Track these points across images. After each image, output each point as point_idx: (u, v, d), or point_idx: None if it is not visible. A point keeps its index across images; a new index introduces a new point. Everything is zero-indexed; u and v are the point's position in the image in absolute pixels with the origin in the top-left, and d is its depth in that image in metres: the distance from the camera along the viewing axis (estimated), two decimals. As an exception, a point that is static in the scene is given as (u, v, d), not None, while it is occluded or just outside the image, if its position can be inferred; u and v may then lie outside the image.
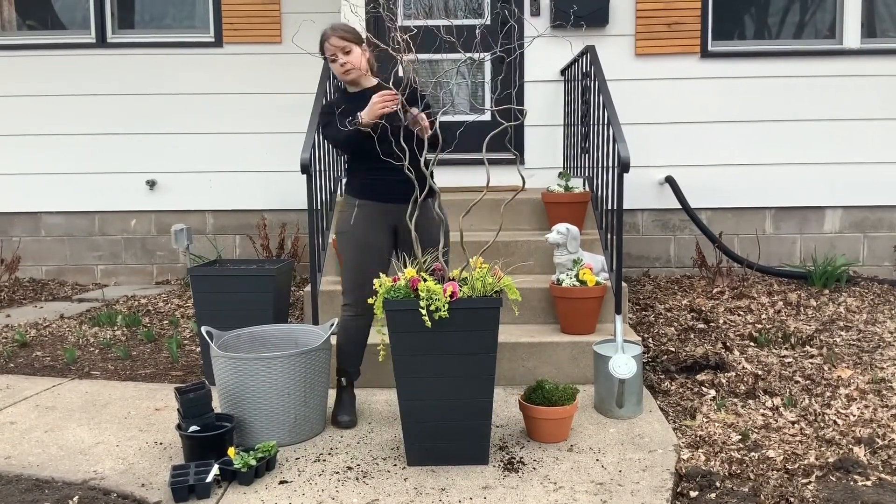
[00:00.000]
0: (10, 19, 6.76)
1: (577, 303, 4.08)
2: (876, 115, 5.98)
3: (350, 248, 3.51)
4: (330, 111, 3.51)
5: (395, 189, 3.46)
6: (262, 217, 6.45)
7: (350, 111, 3.41)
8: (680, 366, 4.18)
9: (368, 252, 3.49)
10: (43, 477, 3.04)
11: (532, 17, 5.90)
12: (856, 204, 6.09)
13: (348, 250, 3.52)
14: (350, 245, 3.51)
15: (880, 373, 3.99)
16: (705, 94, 5.98)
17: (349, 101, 3.52)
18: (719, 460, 3.10)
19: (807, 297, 5.36)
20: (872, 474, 2.95)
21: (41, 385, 4.16)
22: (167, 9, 6.69)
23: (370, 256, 3.49)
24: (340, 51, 3.47)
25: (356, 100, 3.49)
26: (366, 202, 3.50)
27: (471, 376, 3.04)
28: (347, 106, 3.46)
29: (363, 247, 3.49)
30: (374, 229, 3.50)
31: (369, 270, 3.45)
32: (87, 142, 6.57)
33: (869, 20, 6.09)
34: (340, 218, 3.58)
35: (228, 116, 6.48)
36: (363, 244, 3.49)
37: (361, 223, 3.49)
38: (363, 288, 3.46)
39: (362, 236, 3.49)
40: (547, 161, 5.96)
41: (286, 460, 3.15)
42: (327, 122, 3.51)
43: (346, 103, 3.50)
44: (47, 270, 6.77)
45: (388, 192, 3.48)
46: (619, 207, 4.02)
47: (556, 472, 3.01)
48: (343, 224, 3.54)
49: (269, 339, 3.64)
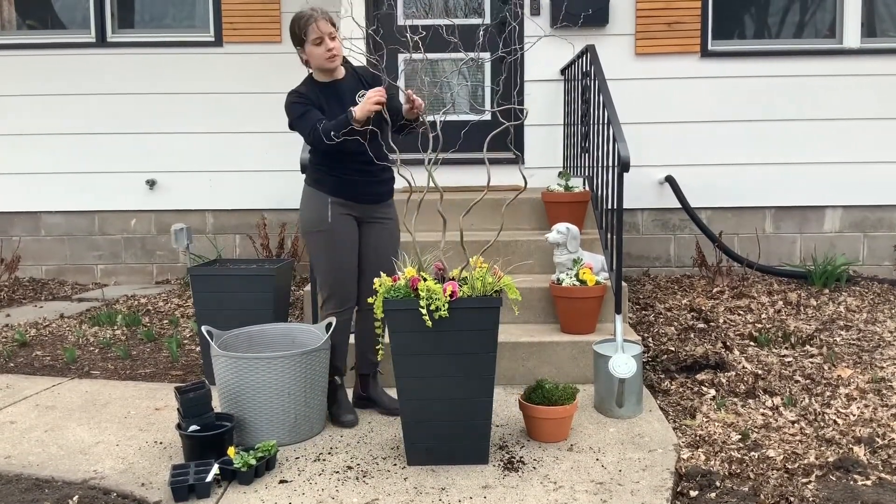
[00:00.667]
0: (10, 19, 6.76)
1: (577, 302, 4.08)
2: (876, 114, 5.97)
3: (328, 247, 3.47)
4: (303, 101, 3.41)
5: (367, 189, 3.49)
6: (261, 216, 6.45)
7: (323, 103, 3.38)
8: (680, 365, 4.18)
9: (346, 249, 3.49)
10: (43, 476, 3.04)
11: (532, 17, 5.90)
12: (856, 203, 6.09)
13: (326, 249, 3.48)
14: (328, 243, 3.47)
15: (880, 372, 3.99)
16: (705, 93, 5.98)
17: (321, 91, 3.45)
18: (719, 460, 3.10)
19: (807, 296, 5.36)
20: (872, 474, 2.95)
21: (41, 384, 4.16)
22: (167, 8, 6.69)
23: (348, 254, 3.50)
24: (328, 35, 3.37)
25: (328, 91, 3.44)
26: (339, 199, 3.47)
27: (471, 376, 3.04)
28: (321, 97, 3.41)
29: (340, 244, 3.48)
30: (349, 225, 3.49)
31: (348, 267, 3.50)
32: (87, 141, 6.57)
33: (869, 20, 6.08)
34: (311, 216, 3.50)
35: (228, 116, 6.48)
36: (340, 242, 3.48)
37: (338, 221, 3.47)
38: (344, 285, 3.50)
39: (340, 233, 3.47)
40: (547, 160, 5.95)
41: (286, 460, 3.15)
42: (303, 113, 3.39)
43: (318, 94, 3.43)
44: (47, 270, 6.77)
45: (361, 191, 3.49)
46: (618, 207, 4.02)
47: (556, 472, 3.01)
48: (318, 222, 3.47)
49: (267, 338, 3.64)
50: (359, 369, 3.72)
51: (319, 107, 3.40)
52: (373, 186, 3.51)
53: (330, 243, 3.47)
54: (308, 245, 3.57)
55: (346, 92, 3.46)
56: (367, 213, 3.53)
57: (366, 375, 3.71)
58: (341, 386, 3.61)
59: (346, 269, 3.50)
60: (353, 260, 3.52)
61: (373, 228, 3.56)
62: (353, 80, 3.52)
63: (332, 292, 3.52)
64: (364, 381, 3.72)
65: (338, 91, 3.46)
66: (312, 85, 3.50)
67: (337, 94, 3.45)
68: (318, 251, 3.51)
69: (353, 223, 3.51)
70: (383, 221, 3.59)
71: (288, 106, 3.45)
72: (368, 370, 3.70)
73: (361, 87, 3.49)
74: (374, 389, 3.70)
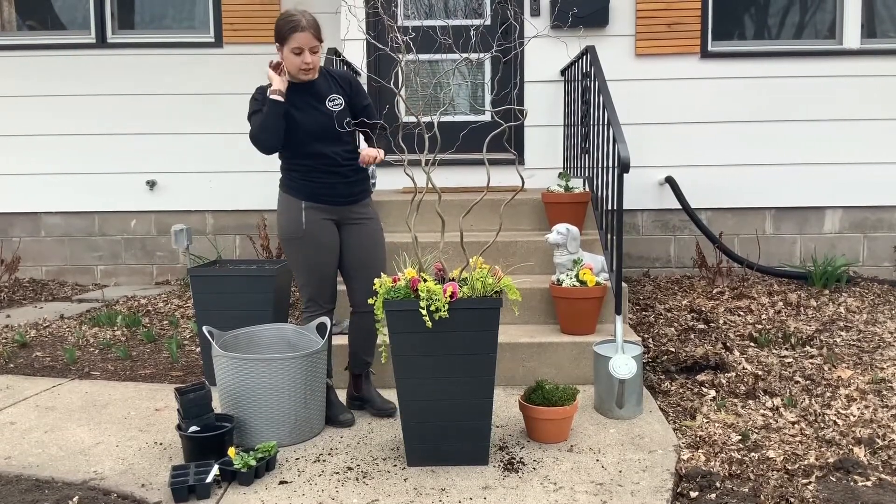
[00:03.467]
0: (11, 19, 6.77)
1: (578, 303, 4.07)
2: (876, 115, 5.97)
3: (305, 253, 3.47)
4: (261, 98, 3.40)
5: (340, 191, 3.49)
6: (262, 217, 6.44)
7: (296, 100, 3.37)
8: (680, 366, 4.18)
9: (324, 253, 3.49)
10: (43, 477, 3.04)
11: (532, 18, 5.90)
12: (856, 204, 6.09)
13: (303, 255, 3.48)
14: (305, 249, 3.47)
15: (880, 373, 3.99)
16: (705, 94, 5.98)
17: (291, 90, 3.41)
18: (719, 461, 3.10)
19: (807, 297, 5.36)
20: (872, 475, 2.95)
21: (41, 385, 4.16)
22: (167, 9, 6.69)
23: (326, 257, 3.50)
24: (308, 49, 3.35)
25: (297, 92, 3.41)
26: (313, 204, 3.46)
27: (471, 376, 3.04)
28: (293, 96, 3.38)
29: (318, 249, 3.47)
30: (325, 229, 3.49)
31: (326, 271, 3.51)
32: (87, 142, 6.57)
33: (869, 20, 6.08)
34: (286, 224, 3.48)
35: (228, 116, 6.46)
36: (318, 246, 3.47)
37: (313, 226, 3.46)
38: (323, 289, 3.53)
39: (317, 238, 3.46)
40: (547, 161, 5.95)
41: (286, 461, 3.15)
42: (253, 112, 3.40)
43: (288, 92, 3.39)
44: (47, 271, 6.77)
45: (334, 193, 3.48)
46: (619, 208, 4.02)
47: (556, 473, 3.01)
48: (293, 230, 3.46)
49: (263, 338, 3.62)
50: (352, 370, 3.72)
51: (290, 104, 3.37)
52: (345, 188, 3.50)
53: (306, 249, 3.47)
54: (285, 251, 3.56)
55: (314, 96, 3.44)
56: (345, 214, 3.53)
57: (359, 376, 3.71)
58: (331, 387, 3.62)
59: (324, 274, 3.51)
60: (332, 263, 3.52)
61: (353, 229, 3.56)
62: (324, 81, 3.50)
63: (312, 296, 3.54)
64: (357, 381, 3.72)
65: (306, 94, 3.43)
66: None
67: (304, 97, 3.42)
68: (294, 257, 3.51)
69: (330, 227, 3.50)
70: (363, 221, 3.58)
71: (250, 100, 3.47)
72: (362, 370, 3.70)
73: (333, 88, 3.49)
74: (368, 390, 3.70)
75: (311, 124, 3.40)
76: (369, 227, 3.59)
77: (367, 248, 3.57)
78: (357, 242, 3.56)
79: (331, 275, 3.54)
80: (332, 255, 3.52)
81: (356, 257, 3.55)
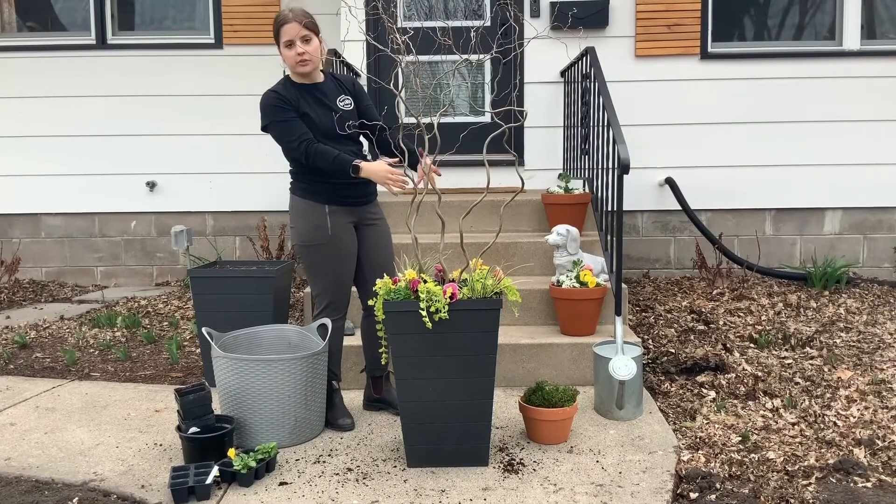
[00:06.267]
0: (11, 21, 6.77)
1: (577, 304, 4.08)
2: (876, 116, 5.97)
3: (329, 258, 3.42)
4: (283, 103, 3.31)
5: (359, 191, 3.48)
6: (262, 218, 6.44)
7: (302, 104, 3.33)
8: (680, 367, 4.18)
9: (347, 259, 3.48)
10: (43, 478, 3.04)
11: (532, 19, 5.90)
12: (855, 205, 6.09)
13: (326, 260, 3.42)
14: (330, 256, 3.42)
15: (880, 374, 3.99)
16: (705, 95, 5.98)
17: (299, 92, 3.37)
18: (719, 462, 3.10)
19: (807, 298, 5.36)
20: (872, 476, 2.95)
21: (41, 386, 4.16)
22: (167, 10, 6.69)
23: (348, 263, 3.49)
24: (298, 38, 3.29)
25: (306, 93, 3.38)
26: (336, 207, 3.43)
27: (471, 377, 3.04)
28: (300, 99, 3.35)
29: (342, 253, 3.45)
30: (348, 233, 3.47)
31: (348, 277, 3.51)
32: (87, 143, 6.57)
33: (869, 22, 6.09)
34: (308, 229, 3.41)
35: (228, 118, 6.48)
36: (342, 250, 3.45)
37: (339, 231, 3.43)
38: (344, 294, 3.52)
39: (343, 242, 3.44)
40: (547, 162, 5.96)
41: (286, 462, 3.15)
42: (287, 120, 3.29)
43: (296, 95, 3.35)
44: (47, 272, 6.77)
45: (355, 194, 3.47)
46: (618, 209, 4.02)
47: (556, 474, 3.01)
48: (318, 235, 3.40)
49: (264, 339, 3.63)
50: (371, 372, 3.70)
51: (297, 108, 3.34)
52: (364, 187, 3.49)
53: (331, 256, 3.43)
54: (305, 258, 3.46)
55: (325, 95, 3.43)
56: (363, 215, 3.53)
57: (378, 378, 3.70)
58: (337, 390, 3.61)
59: (345, 279, 3.51)
60: (353, 267, 3.52)
61: (370, 230, 3.56)
62: (332, 84, 3.50)
63: (331, 301, 3.50)
64: (377, 383, 3.70)
65: (316, 94, 3.42)
66: (290, 86, 3.41)
67: (315, 96, 3.41)
68: (315, 263, 3.44)
69: (352, 230, 3.50)
70: (377, 222, 3.59)
71: (265, 106, 3.35)
72: (381, 372, 3.68)
73: (341, 92, 3.48)
74: (388, 391, 3.68)
75: (327, 124, 3.38)
76: (382, 228, 3.60)
77: (382, 250, 3.57)
78: (374, 244, 3.56)
79: (350, 279, 3.53)
80: (354, 258, 3.51)
81: (373, 259, 3.55)
